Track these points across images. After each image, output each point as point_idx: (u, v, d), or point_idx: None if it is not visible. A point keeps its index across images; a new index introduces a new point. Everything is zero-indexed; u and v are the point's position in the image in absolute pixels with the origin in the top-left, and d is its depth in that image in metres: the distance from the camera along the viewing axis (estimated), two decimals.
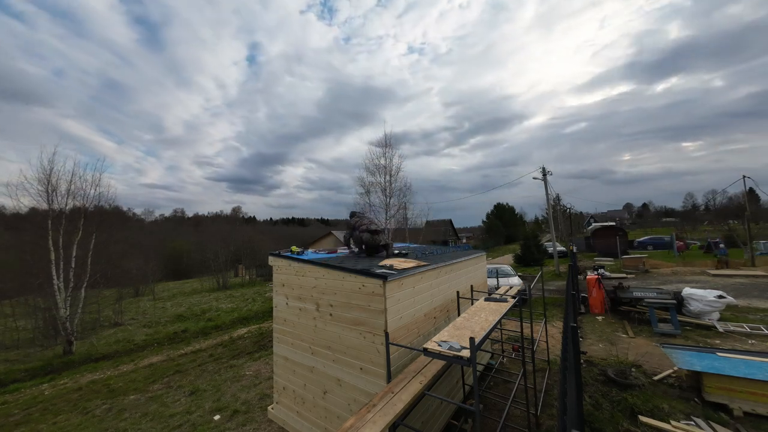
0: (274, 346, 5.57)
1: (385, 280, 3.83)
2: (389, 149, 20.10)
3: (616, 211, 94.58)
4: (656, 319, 8.93)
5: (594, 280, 11.14)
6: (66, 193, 12.53)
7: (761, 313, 9.97)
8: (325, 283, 4.62)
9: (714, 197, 64.23)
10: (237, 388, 7.23)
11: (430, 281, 4.95)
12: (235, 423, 5.75)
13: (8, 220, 17.03)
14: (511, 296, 4.97)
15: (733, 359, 5.57)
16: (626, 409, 5.20)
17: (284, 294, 5.35)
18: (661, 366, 6.65)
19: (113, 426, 6.07)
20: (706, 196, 77.70)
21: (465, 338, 3.06)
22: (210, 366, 8.99)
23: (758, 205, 49.83)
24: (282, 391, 5.39)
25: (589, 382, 6.14)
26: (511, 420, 5.16)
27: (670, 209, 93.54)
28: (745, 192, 27.50)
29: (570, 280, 6.79)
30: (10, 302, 15.12)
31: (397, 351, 3.90)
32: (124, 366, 9.92)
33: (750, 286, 13.59)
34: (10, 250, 15.75)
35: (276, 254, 5.68)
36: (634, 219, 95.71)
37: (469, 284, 6.26)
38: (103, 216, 14.36)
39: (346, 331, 4.29)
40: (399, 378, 3.43)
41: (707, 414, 5.01)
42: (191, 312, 17.77)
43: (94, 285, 14.11)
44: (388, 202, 19.94)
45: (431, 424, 4.46)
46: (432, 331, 4.81)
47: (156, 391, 7.60)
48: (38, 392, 8.35)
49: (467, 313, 3.99)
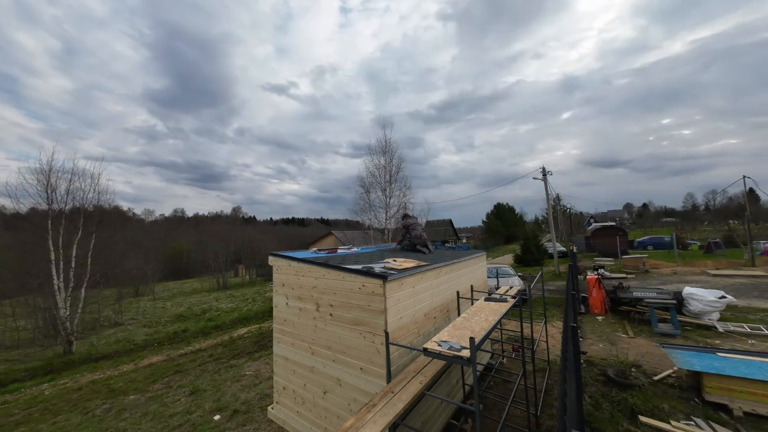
0: (274, 346, 5.57)
1: (385, 279, 3.83)
2: (389, 149, 20.12)
3: (616, 211, 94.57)
4: (656, 319, 8.92)
5: (594, 280, 11.14)
6: (66, 193, 12.54)
7: (761, 313, 9.97)
8: (325, 283, 4.62)
9: (714, 197, 64.25)
10: (237, 388, 7.23)
11: (430, 281, 4.95)
12: (235, 423, 5.75)
13: (8, 220, 17.03)
14: (511, 296, 4.97)
15: (733, 359, 5.57)
16: (626, 409, 5.20)
17: (284, 294, 5.35)
18: (661, 366, 6.65)
19: (113, 426, 6.07)
20: (706, 196, 77.80)
21: (465, 338, 3.06)
22: (210, 366, 8.99)
23: (758, 205, 49.86)
24: (282, 391, 5.39)
25: (589, 382, 6.14)
26: (511, 420, 5.16)
27: (670, 209, 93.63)
28: (745, 192, 27.51)
29: (570, 280, 6.80)
30: (10, 302, 15.11)
31: (397, 351, 3.90)
32: (124, 366, 9.92)
33: (750, 286, 13.59)
34: (10, 250, 15.76)
35: (276, 254, 5.68)
36: (634, 219, 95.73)
37: (469, 284, 6.26)
38: (102, 216, 14.37)
39: (346, 331, 4.29)
40: (399, 378, 3.43)
41: (707, 414, 5.01)
42: (191, 312, 17.77)
43: (94, 285, 14.12)
44: (388, 202, 19.94)
45: (431, 424, 4.45)
46: (432, 331, 4.81)
47: (156, 391, 7.60)
48: (38, 392, 8.35)
49: (467, 313, 3.99)
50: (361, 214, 20.57)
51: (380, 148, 20.15)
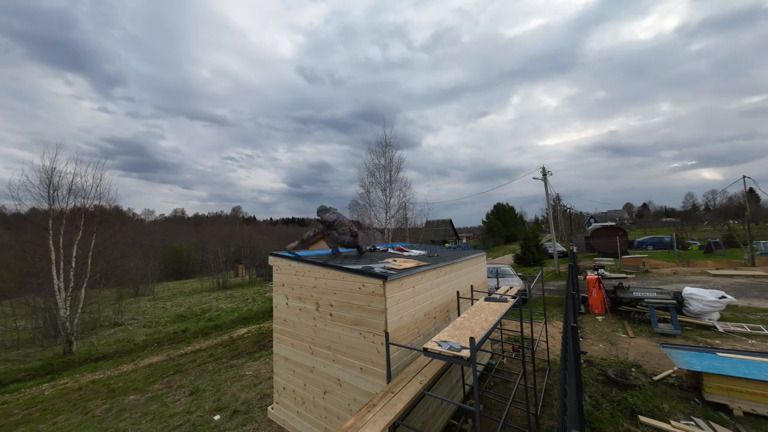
0: (274, 346, 5.57)
1: (385, 279, 3.83)
2: (389, 149, 20.13)
3: (616, 211, 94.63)
4: (656, 319, 8.92)
5: (594, 280, 11.14)
6: (67, 192, 12.55)
7: (761, 313, 9.97)
8: (325, 283, 4.62)
9: (714, 197, 64.30)
10: (237, 388, 7.23)
11: (430, 281, 4.95)
12: (235, 423, 5.75)
13: (8, 220, 17.03)
14: (511, 296, 4.98)
15: (733, 359, 5.57)
16: (626, 409, 5.20)
17: (284, 294, 5.36)
18: (661, 366, 6.65)
19: (113, 426, 6.07)
20: (706, 196, 77.88)
21: (465, 338, 3.06)
22: (210, 366, 8.99)
23: (758, 205, 49.87)
24: (282, 391, 5.39)
25: (589, 382, 6.14)
26: (511, 420, 5.16)
27: (670, 209, 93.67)
28: (745, 192, 27.53)
29: (570, 280, 6.80)
30: (10, 302, 15.10)
31: (397, 351, 3.90)
32: (125, 366, 9.92)
33: (750, 286, 13.59)
34: (10, 250, 15.75)
35: (276, 254, 5.68)
36: (634, 219, 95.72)
37: (469, 284, 6.26)
38: (103, 216, 14.37)
39: (346, 331, 4.29)
40: (399, 378, 3.43)
41: (707, 414, 5.01)
42: (191, 312, 17.77)
43: (94, 285, 14.11)
44: (388, 201, 19.95)
45: (431, 424, 4.46)
46: (432, 331, 4.81)
47: (156, 391, 7.60)
48: (38, 392, 8.35)
49: (467, 313, 3.99)
50: (362, 214, 20.59)
51: (380, 149, 20.17)
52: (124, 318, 16.75)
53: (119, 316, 16.48)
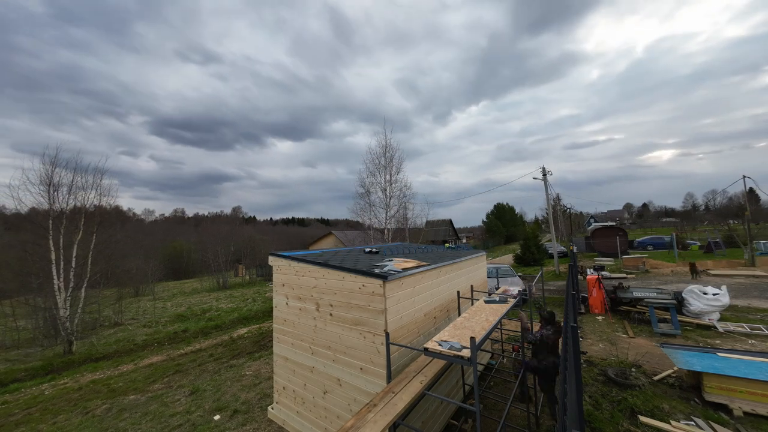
0: (274, 346, 5.57)
1: (385, 279, 3.83)
2: (389, 149, 20.13)
3: (616, 211, 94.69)
4: (656, 319, 8.93)
5: (594, 280, 11.14)
6: (68, 192, 12.55)
7: (761, 313, 9.97)
8: (325, 283, 4.62)
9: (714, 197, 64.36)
10: (237, 388, 7.23)
11: (431, 281, 4.95)
12: (235, 423, 5.75)
13: (8, 220, 17.03)
14: (511, 296, 4.98)
15: (733, 359, 5.57)
16: (626, 409, 5.20)
17: (284, 294, 5.36)
18: (661, 366, 6.65)
19: (113, 426, 6.07)
20: (706, 196, 77.89)
21: (465, 338, 3.06)
22: (210, 366, 8.99)
23: (758, 205, 49.87)
24: (282, 391, 5.39)
25: (589, 382, 6.14)
26: (511, 420, 5.16)
27: (670, 209, 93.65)
28: (745, 192, 27.52)
29: (570, 280, 6.79)
30: (10, 302, 15.11)
31: (398, 351, 3.90)
32: (125, 366, 9.92)
33: (750, 286, 13.59)
34: (10, 250, 15.75)
35: (276, 254, 5.68)
36: (634, 219, 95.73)
37: (470, 284, 6.26)
38: (103, 216, 14.37)
39: (346, 331, 4.29)
40: (399, 378, 3.44)
41: (707, 414, 5.01)
42: (191, 312, 17.77)
43: (94, 285, 14.10)
44: (388, 202, 19.95)
45: (431, 423, 4.46)
46: (432, 330, 4.82)
47: (156, 390, 7.60)
48: (38, 392, 8.35)
49: (467, 313, 4.00)
50: (361, 214, 20.60)
51: (380, 149, 20.18)
52: (124, 318, 16.75)
53: (119, 316, 16.48)
